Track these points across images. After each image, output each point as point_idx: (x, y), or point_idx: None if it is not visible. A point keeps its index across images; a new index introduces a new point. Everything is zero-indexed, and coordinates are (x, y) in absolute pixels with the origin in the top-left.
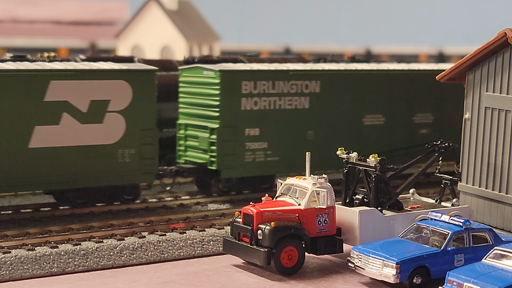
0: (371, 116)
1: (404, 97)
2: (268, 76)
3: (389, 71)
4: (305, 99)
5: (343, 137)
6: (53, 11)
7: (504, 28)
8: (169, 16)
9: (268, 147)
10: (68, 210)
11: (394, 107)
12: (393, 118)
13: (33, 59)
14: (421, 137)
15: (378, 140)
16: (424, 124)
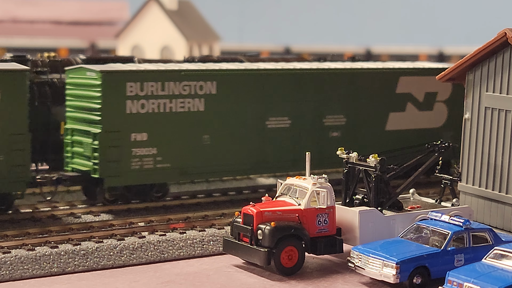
0: (276, 119)
1: (313, 98)
2: (157, 77)
3: (296, 70)
4: (199, 101)
5: (243, 142)
6: (53, 11)
7: (504, 28)
8: (169, 16)
9: (158, 153)
10: (68, 210)
11: (302, 109)
12: (300, 120)
13: (33, 59)
14: (332, 140)
15: (283, 144)
16: (336, 127)
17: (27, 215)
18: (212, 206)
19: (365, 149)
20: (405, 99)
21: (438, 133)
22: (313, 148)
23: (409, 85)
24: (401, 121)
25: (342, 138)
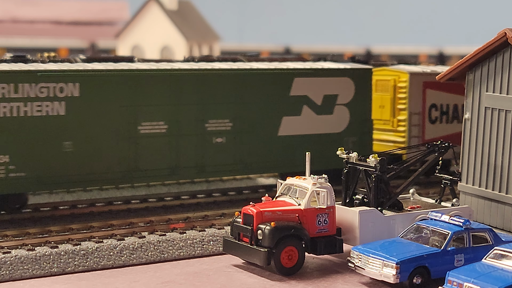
0: (150, 124)
1: (193, 101)
2: (8, 78)
3: (174, 71)
4: (59, 104)
5: (112, 149)
6: (53, 11)
7: (504, 28)
8: (169, 16)
9: (11, 161)
10: (68, 210)
11: (181, 113)
12: (178, 125)
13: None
14: (216, 147)
15: (159, 151)
16: (220, 132)
17: (27, 215)
18: (212, 206)
19: (255, 156)
20: (301, 102)
21: (339, 138)
22: (194, 155)
23: (305, 87)
24: (297, 125)
25: (227, 144)
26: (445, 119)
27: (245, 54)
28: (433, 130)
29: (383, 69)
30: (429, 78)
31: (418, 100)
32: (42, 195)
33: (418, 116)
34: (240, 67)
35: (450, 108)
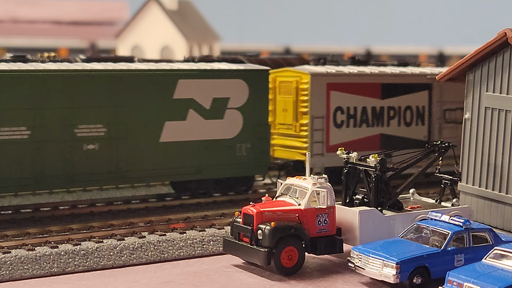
0: (9, 129)
1: (60, 104)
2: None
3: (37, 72)
4: None
5: None
6: (53, 11)
7: (504, 28)
8: (169, 16)
9: None
10: (68, 210)
11: (45, 117)
12: (43, 130)
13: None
14: (87, 154)
15: (20, 158)
16: (92, 138)
17: (27, 215)
18: (212, 206)
19: (133, 164)
20: (186, 106)
21: (231, 145)
22: (61, 163)
23: (191, 89)
24: (182, 131)
25: (100, 151)
26: (352, 123)
27: (245, 54)
28: (339, 135)
29: (286, 70)
30: (334, 79)
31: (321, 103)
32: (42, 195)
33: (321, 120)
34: (115, 67)
35: (358, 111)
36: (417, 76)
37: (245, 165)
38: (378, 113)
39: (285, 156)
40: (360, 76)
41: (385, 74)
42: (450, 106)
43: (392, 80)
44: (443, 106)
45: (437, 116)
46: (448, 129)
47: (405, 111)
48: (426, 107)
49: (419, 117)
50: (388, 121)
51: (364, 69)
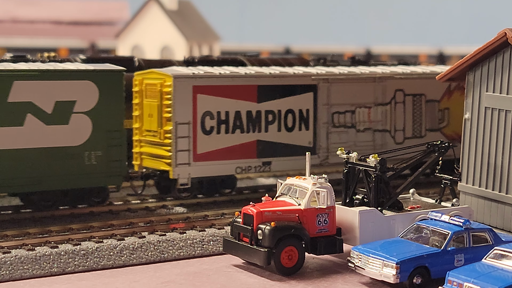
0: None
1: None
2: None
3: None
4: None
5: None
6: (53, 11)
7: (504, 28)
8: (169, 16)
9: None
10: (68, 210)
11: None
12: None
13: (33, 59)
14: None
15: None
16: None
17: (27, 215)
18: (212, 206)
19: None
20: (24, 110)
21: (78, 152)
22: None
23: (29, 92)
24: (17, 138)
25: None
26: (224, 129)
27: (245, 54)
28: (208, 142)
29: (152, 72)
30: (202, 81)
31: (187, 107)
32: None
33: (187, 127)
34: None
35: (230, 116)
36: (299, 76)
37: (95, 175)
38: (254, 117)
39: (151, 165)
40: (233, 77)
41: (262, 75)
42: (338, 109)
43: (270, 82)
44: (331, 109)
45: (324, 120)
46: (336, 133)
47: (286, 115)
48: (311, 111)
49: (303, 122)
50: (266, 126)
51: (238, 70)
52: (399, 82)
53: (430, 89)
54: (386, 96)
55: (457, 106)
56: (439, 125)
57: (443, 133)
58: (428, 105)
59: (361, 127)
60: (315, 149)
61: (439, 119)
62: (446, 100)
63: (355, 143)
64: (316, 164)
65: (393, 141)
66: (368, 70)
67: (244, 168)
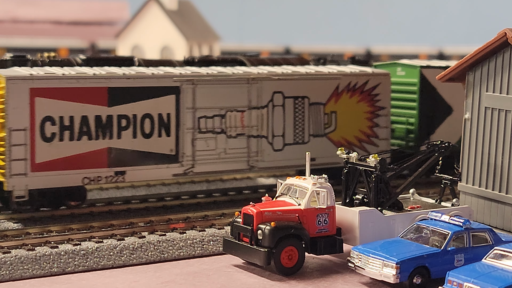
0: None
1: None
2: None
3: None
4: None
5: None
6: (53, 11)
7: (504, 28)
8: (169, 16)
9: None
10: (68, 210)
11: None
12: None
13: (33, 59)
14: None
15: None
16: None
17: (27, 215)
18: (212, 206)
19: None
20: None
21: None
22: None
23: None
24: None
25: None
26: (68, 136)
27: (245, 54)
28: (49, 150)
29: None
30: (41, 83)
31: (23, 112)
32: None
33: (23, 133)
34: None
35: (75, 122)
36: (158, 78)
37: None
38: (105, 123)
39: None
40: (78, 79)
41: (113, 76)
42: (206, 113)
43: (123, 83)
44: (197, 114)
45: (189, 125)
46: (203, 140)
47: (142, 120)
48: (173, 115)
49: (163, 127)
50: (119, 132)
51: (86, 71)
52: (277, 83)
53: (314, 91)
54: (262, 99)
55: (346, 109)
56: (324, 130)
57: (330, 139)
58: (312, 108)
59: (232, 132)
60: (177, 157)
61: (325, 123)
62: (333, 103)
63: (226, 150)
64: (179, 173)
65: (271, 148)
66: (242, 70)
67: (93, 179)
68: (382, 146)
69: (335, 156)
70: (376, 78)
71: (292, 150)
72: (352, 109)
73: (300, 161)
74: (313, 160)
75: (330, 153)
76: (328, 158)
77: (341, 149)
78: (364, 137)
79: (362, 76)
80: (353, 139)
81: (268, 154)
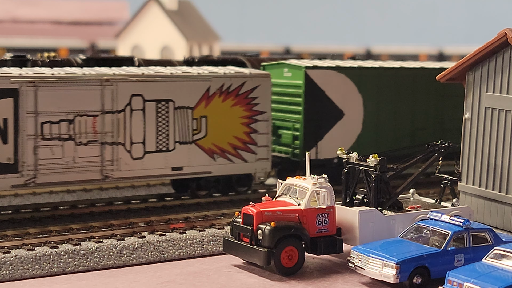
0: None
1: None
2: None
3: None
4: None
5: None
6: (53, 11)
7: (504, 28)
8: (169, 16)
9: None
10: (68, 210)
11: None
12: None
13: (33, 59)
14: None
15: None
16: None
17: (27, 215)
18: (212, 206)
19: None
20: None
21: None
22: None
23: None
24: None
25: None
26: None
27: (245, 54)
28: None
29: None
30: None
31: None
32: (42, 195)
33: None
34: None
35: None
36: None
37: None
38: None
39: None
40: None
41: None
42: (50, 119)
43: None
44: (40, 119)
45: (30, 131)
46: (48, 148)
47: None
48: (11, 120)
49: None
50: None
51: None
52: (136, 85)
53: (181, 94)
54: (117, 102)
55: (218, 114)
56: (193, 136)
57: (199, 146)
58: (178, 113)
59: (83, 139)
60: (17, 166)
61: (194, 129)
62: (203, 107)
63: (75, 159)
64: (19, 184)
65: (129, 156)
66: (95, 71)
67: None
68: (261, 153)
69: (207, 164)
70: (254, 80)
71: (154, 159)
72: (226, 113)
73: (164, 171)
74: (179, 169)
75: (200, 161)
76: (197, 167)
77: (341, 149)
78: (241, 144)
79: (237, 78)
80: (228, 147)
81: (126, 163)
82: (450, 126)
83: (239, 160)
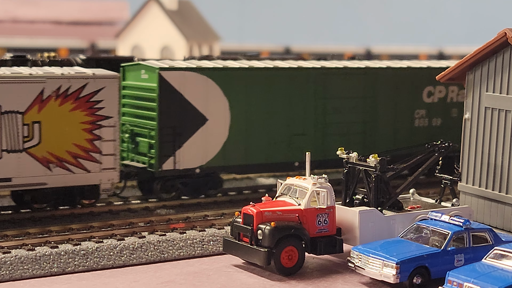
0: None
1: None
2: None
3: None
4: None
5: None
6: (53, 11)
7: (504, 28)
8: (169, 16)
9: None
10: (68, 210)
11: None
12: None
13: (33, 59)
14: None
15: None
16: None
17: (27, 215)
18: (212, 206)
19: None
20: None
21: None
22: None
23: None
24: None
25: None
26: None
27: (245, 54)
28: None
29: None
30: None
31: None
32: None
33: None
34: None
35: None
36: None
37: None
38: None
39: None
40: None
41: None
42: None
43: None
44: None
45: None
46: None
47: None
48: None
49: None
50: None
51: None
52: None
53: (9, 97)
54: None
55: (55, 119)
56: (24, 144)
57: (32, 155)
58: (5, 118)
59: None
60: None
61: (25, 136)
62: (36, 111)
63: None
64: None
65: None
66: None
67: None
68: (107, 163)
69: (41, 175)
70: (98, 81)
71: None
72: (64, 119)
73: None
74: (7, 181)
75: (33, 171)
76: (29, 178)
77: (341, 149)
78: (82, 153)
79: (77, 79)
80: (66, 155)
81: None
82: (333, 131)
83: (80, 170)
